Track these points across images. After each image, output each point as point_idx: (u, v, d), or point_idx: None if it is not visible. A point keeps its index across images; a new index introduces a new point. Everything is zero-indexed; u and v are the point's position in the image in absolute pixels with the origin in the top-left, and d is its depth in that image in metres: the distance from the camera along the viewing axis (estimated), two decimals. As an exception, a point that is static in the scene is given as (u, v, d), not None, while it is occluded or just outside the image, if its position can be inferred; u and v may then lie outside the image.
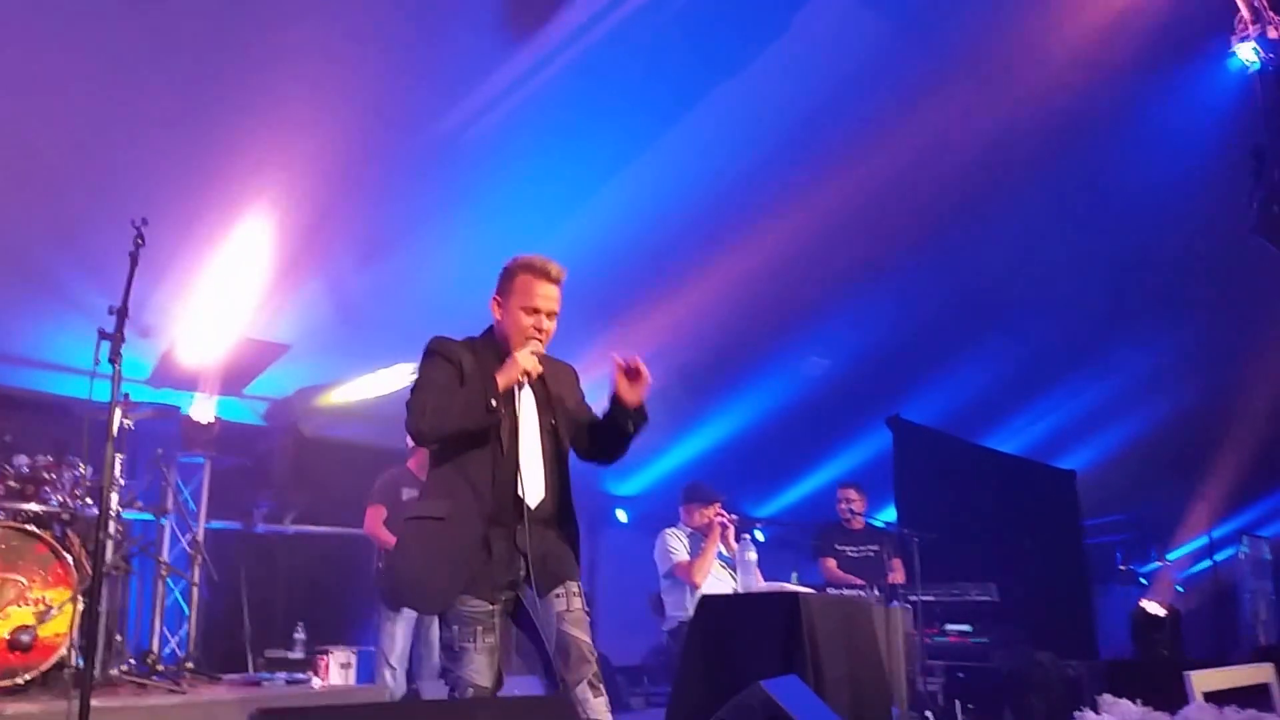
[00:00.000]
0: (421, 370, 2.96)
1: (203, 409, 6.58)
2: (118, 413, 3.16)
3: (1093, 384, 10.20)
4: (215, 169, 5.49)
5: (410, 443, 6.05)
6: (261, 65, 5.21)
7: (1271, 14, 5.52)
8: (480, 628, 2.80)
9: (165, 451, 6.16)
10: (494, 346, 3.02)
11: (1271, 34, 5.62)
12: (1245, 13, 5.60)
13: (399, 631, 5.77)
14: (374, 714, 2.34)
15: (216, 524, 6.88)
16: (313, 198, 5.84)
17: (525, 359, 2.89)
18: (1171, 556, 12.42)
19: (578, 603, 2.94)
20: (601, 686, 2.87)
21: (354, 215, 6.19)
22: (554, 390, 3.06)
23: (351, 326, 6.75)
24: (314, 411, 7.19)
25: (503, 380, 2.86)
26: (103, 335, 3.27)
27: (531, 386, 3.00)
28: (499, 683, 2.85)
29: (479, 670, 2.78)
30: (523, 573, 2.84)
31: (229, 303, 6.16)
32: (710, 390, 9.22)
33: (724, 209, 7.17)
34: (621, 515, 10.79)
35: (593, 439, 3.13)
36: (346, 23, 5.26)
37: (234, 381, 6.76)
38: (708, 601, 4.43)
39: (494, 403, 2.81)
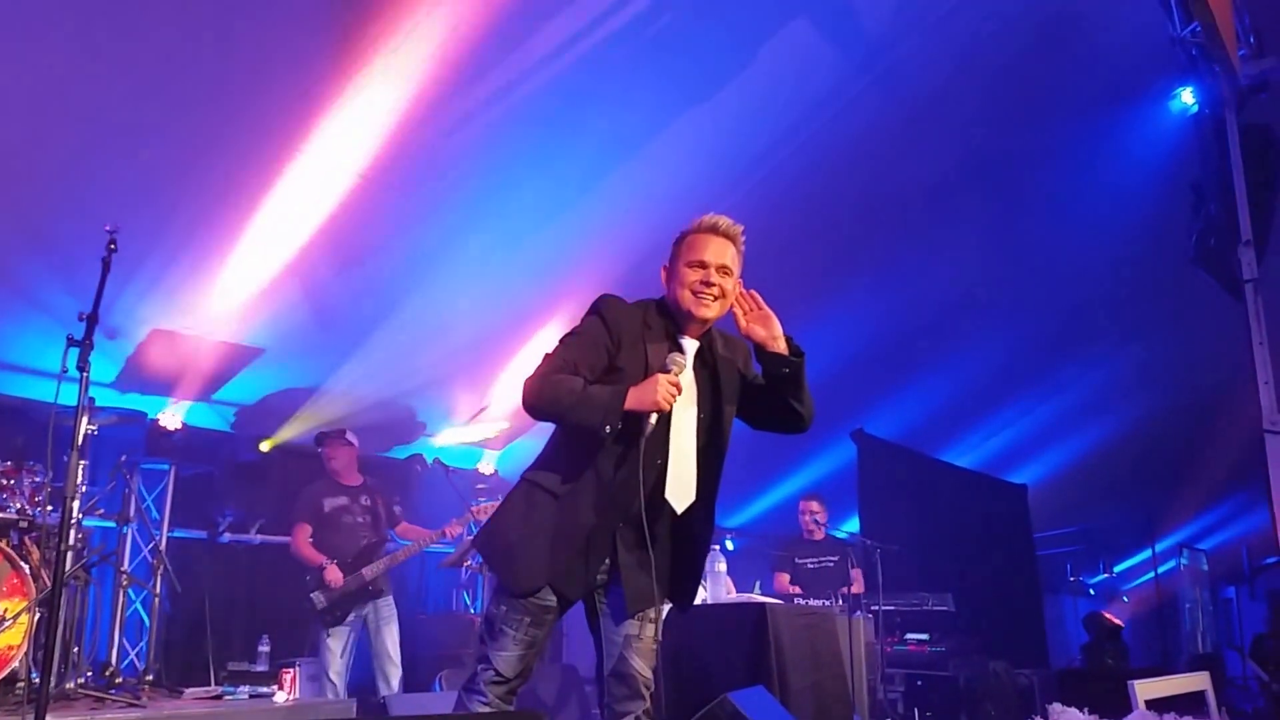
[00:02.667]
0: (580, 326, 2.71)
1: (170, 415, 6.50)
2: (84, 420, 3.11)
3: (1043, 402, 10.49)
4: (187, 169, 5.44)
5: (323, 449, 6.11)
6: (234, 69, 5.20)
7: (1207, 61, 5.82)
8: (529, 619, 2.60)
9: (131, 457, 6.08)
10: (666, 318, 2.73)
11: (1207, 80, 5.93)
12: (1184, 59, 5.90)
13: (337, 646, 5.79)
14: None
15: (180, 533, 6.76)
16: (285, 201, 5.83)
17: (664, 391, 2.53)
18: (1118, 569, 12.75)
19: (651, 630, 2.68)
20: None
21: (329, 220, 6.18)
22: (721, 371, 2.77)
23: (328, 331, 6.73)
24: (286, 417, 7.13)
25: (633, 402, 2.53)
26: (71, 342, 3.20)
27: (698, 371, 2.74)
28: (525, 676, 2.65)
29: (509, 661, 2.60)
30: (607, 578, 2.66)
31: (201, 305, 6.10)
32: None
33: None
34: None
35: (768, 410, 2.85)
36: (317, 28, 5.26)
37: (205, 386, 6.68)
38: (676, 612, 4.47)
39: (608, 430, 2.51)
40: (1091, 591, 12.34)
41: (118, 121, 5.22)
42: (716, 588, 4.99)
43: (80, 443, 3.17)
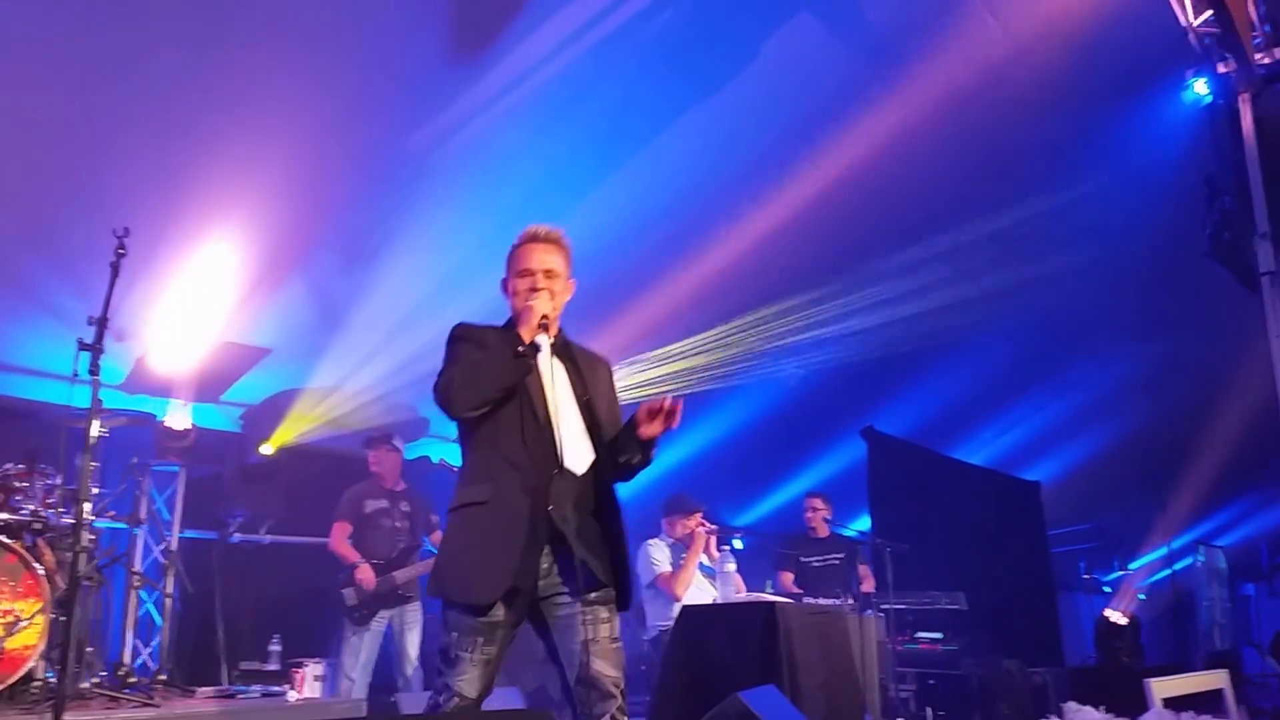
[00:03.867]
0: (448, 354, 2.84)
1: (178, 416, 6.51)
2: (95, 422, 3.10)
3: (1056, 398, 10.42)
4: (193, 172, 5.44)
5: (370, 452, 6.15)
6: (239, 72, 5.19)
7: (1221, 51, 5.73)
8: (481, 639, 2.64)
9: (142, 459, 6.09)
10: (510, 330, 2.83)
11: (1221, 69, 5.84)
12: (1197, 48, 5.82)
13: (360, 645, 5.84)
14: None
15: (191, 533, 6.78)
16: (291, 202, 5.82)
17: (540, 303, 2.77)
18: (1133, 566, 12.66)
19: (606, 630, 2.71)
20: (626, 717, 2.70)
21: (333, 219, 6.18)
22: (585, 368, 2.93)
23: (334, 330, 6.73)
24: (293, 416, 7.13)
25: (524, 330, 2.72)
26: (83, 346, 3.20)
27: (561, 359, 2.89)
28: (487, 694, 2.69)
29: (470, 681, 2.64)
30: (561, 566, 2.69)
31: (207, 306, 6.11)
32: (687, 401, 9.26)
33: (697, 222, 7.25)
34: (603, 525, 10.77)
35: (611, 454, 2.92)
36: (322, 34, 5.26)
37: (212, 387, 6.68)
38: (687, 611, 4.46)
39: (520, 348, 2.69)
40: (1106, 589, 12.24)
41: (124, 123, 5.23)
42: (726, 588, 4.96)
43: (91, 444, 3.12)
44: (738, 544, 11.15)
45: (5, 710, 4.10)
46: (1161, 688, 4.53)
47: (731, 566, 5.06)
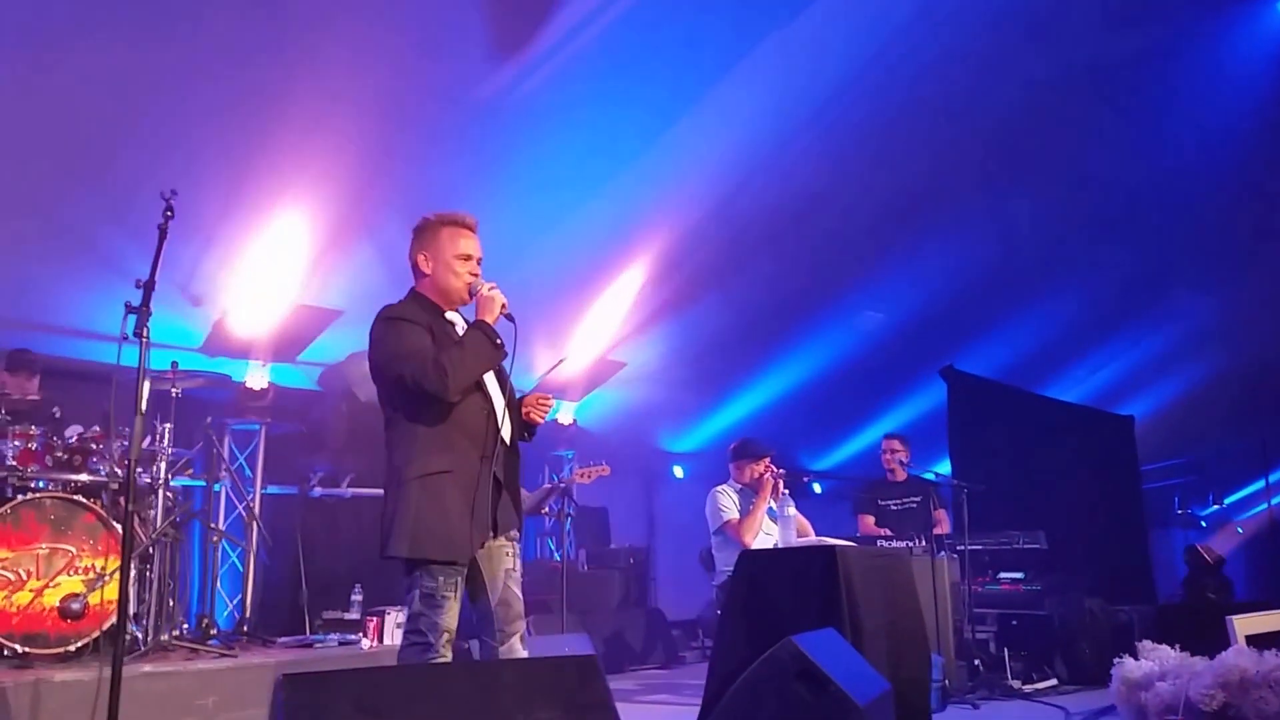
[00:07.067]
0: (392, 340, 3.02)
1: (257, 376, 6.71)
2: (146, 385, 3.20)
3: (1153, 332, 10.14)
4: (258, 136, 5.54)
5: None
6: (303, 33, 5.25)
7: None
8: (458, 579, 2.97)
9: (218, 419, 6.28)
10: (428, 306, 3.14)
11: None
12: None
13: None
14: (394, 676, 2.38)
15: (274, 489, 7.01)
16: (356, 164, 5.90)
17: (497, 293, 3.07)
18: (1229, 500, 12.22)
19: (516, 563, 3.17)
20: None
21: (397, 181, 6.24)
22: None
23: (404, 290, 6.78)
24: (367, 375, 7.26)
25: (490, 317, 3.03)
26: (129, 309, 3.25)
27: None
28: None
29: (453, 615, 2.96)
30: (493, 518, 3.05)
31: (279, 270, 6.25)
32: (766, 345, 9.25)
33: (777, 165, 7.13)
34: (678, 471, 10.91)
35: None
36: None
37: (288, 348, 6.86)
38: (747, 556, 4.46)
39: (499, 340, 3.00)
40: (1204, 524, 11.86)
41: (190, 91, 5.33)
42: (787, 532, 4.93)
43: (144, 407, 3.23)
44: (816, 488, 11.16)
45: (90, 663, 4.31)
46: (1245, 624, 4.37)
47: (792, 510, 5.02)
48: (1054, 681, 6.08)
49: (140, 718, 3.99)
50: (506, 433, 3.10)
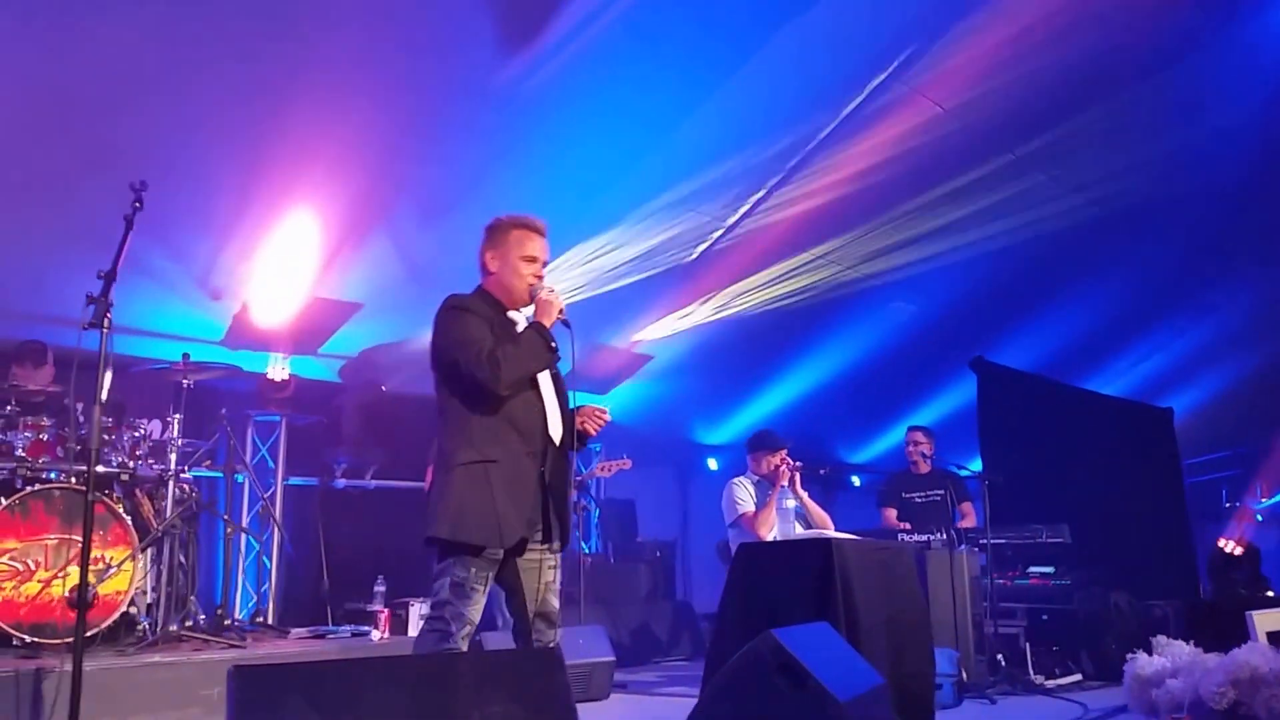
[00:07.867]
0: (453, 328, 3.09)
1: (278, 368, 6.77)
2: (108, 376, 3.22)
3: (1195, 324, 9.87)
4: (271, 130, 5.55)
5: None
6: (314, 26, 5.25)
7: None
8: (489, 573, 2.99)
9: (238, 410, 6.32)
10: (491, 302, 3.20)
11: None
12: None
13: None
14: (347, 669, 2.36)
15: (297, 480, 7.06)
16: (369, 156, 5.91)
17: (555, 297, 3.14)
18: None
19: (556, 576, 3.18)
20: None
21: (412, 173, 6.23)
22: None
23: (421, 284, 6.82)
24: (388, 367, 7.31)
25: (547, 320, 3.11)
26: (90, 300, 3.29)
27: None
28: None
29: (478, 609, 2.99)
30: (544, 522, 3.09)
31: (296, 263, 6.28)
32: (797, 337, 9.17)
33: (799, 150, 7.02)
34: (712, 463, 10.88)
35: None
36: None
37: (309, 341, 6.89)
38: (745, 549, 4.47)
39: (554, 343, 3.07)
40: (1259, 518, 11.51)
41: (204, 84, 5.35)
42: (785, 524, 4.88)
43: (104, 396, 3.27)
44: (855, 481, 11.05)
45: (99, 652, 4.37)
46: (1265, 620, 4.23)
47: (792, 503, 4.96)
48: (1078, 677, 5.96)
49: (145, 707, 4.06)
50: (556, 434, 3.13)
